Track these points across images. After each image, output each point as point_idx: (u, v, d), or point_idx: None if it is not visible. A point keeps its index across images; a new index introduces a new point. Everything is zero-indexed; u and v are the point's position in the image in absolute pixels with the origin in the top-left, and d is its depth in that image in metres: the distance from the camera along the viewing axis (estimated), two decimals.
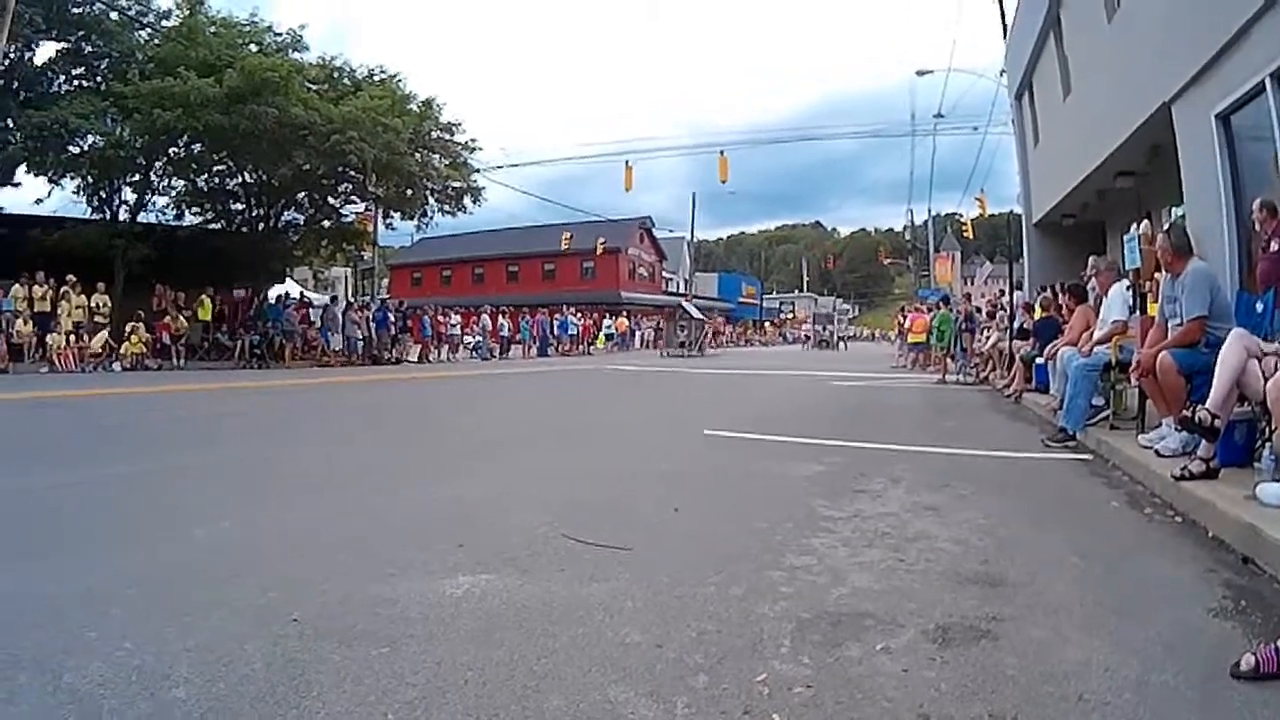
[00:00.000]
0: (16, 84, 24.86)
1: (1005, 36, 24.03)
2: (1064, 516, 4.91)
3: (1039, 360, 11.72)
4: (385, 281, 64.36)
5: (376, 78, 28.85)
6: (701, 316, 40.21)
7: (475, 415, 12.23)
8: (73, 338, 21.30)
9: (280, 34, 27.45)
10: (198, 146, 26.04)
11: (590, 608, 3.21)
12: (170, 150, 26.07)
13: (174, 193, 28.74)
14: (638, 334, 49.37)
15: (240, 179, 28.54)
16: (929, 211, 60.90)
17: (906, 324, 25.70)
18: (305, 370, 22.77)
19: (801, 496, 5.34)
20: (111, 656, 2.72)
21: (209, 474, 6.56)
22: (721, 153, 35.29)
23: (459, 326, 33.83)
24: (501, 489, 5.73)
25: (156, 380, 17.84)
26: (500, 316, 36.72)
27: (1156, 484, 5.40)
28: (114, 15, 25.66)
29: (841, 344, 51.77)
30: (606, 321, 47.05)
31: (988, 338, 17.88)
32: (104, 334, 22.16)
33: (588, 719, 2.34)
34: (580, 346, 40.09)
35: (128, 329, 22.16)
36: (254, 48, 26.17)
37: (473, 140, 31.06)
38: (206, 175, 28.44)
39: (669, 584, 3.51)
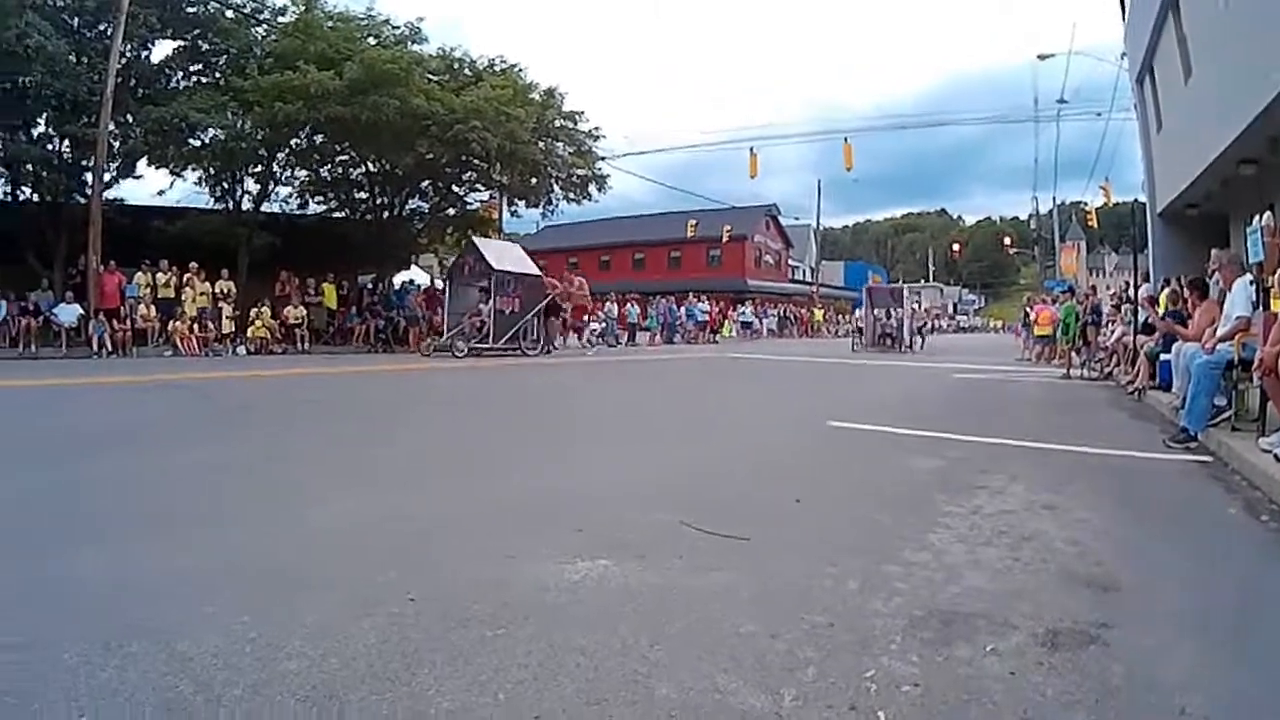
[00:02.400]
0: (135, 81, 26.07)
1: (1124, 17, 23.21)
2: (1180, 521, 4.95)
3: (1163, 356, 11.35)
4: None
5: (497, 68, 29.55)
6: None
7: (598, 402, 12.54)
8: (196, 323, 22.54)
9: (398, 27, 28.33)
10: (319, 137, 27.38)
11: (705, 596, 3.28)
12: (292, 142, 27.31)
13: (297, 182, 30.14)
14: (764, 322, 48.98)
15: (364, 168, 29.73)
16: (1054, 200, 59.29)
17: (1032, 316, 25.18)
18: (430, 356, 23.12)
19: (922, 491, 5.44)
20: (226, 630, 2.88)
21: (326, 456, 6.96)
22: (846, 140, 35.32)
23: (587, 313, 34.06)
24: (622, 475, 5.94)
25: (279, 364, 18.60)
26: (628, 303, 37.25)
27: (1276, 491, 5.27)
28: (229, 13, 26.93)
29: (917, 340, 34.04)
30: (743, 309, 47.41)
31: (1112, 331, 17.41)
32: (228, 319, 23.38)
33: (696, 707, 2.39)
34: (707, 334, 40.15)
35: (252, 314, 23.46)
36: (372, 41, 27.13)
37: (596, 129, 31.62)
38: (329, 165, 29.79)
39: (785, 575, 3.57)
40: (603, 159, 32.45)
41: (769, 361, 22.96)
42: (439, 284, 28.86)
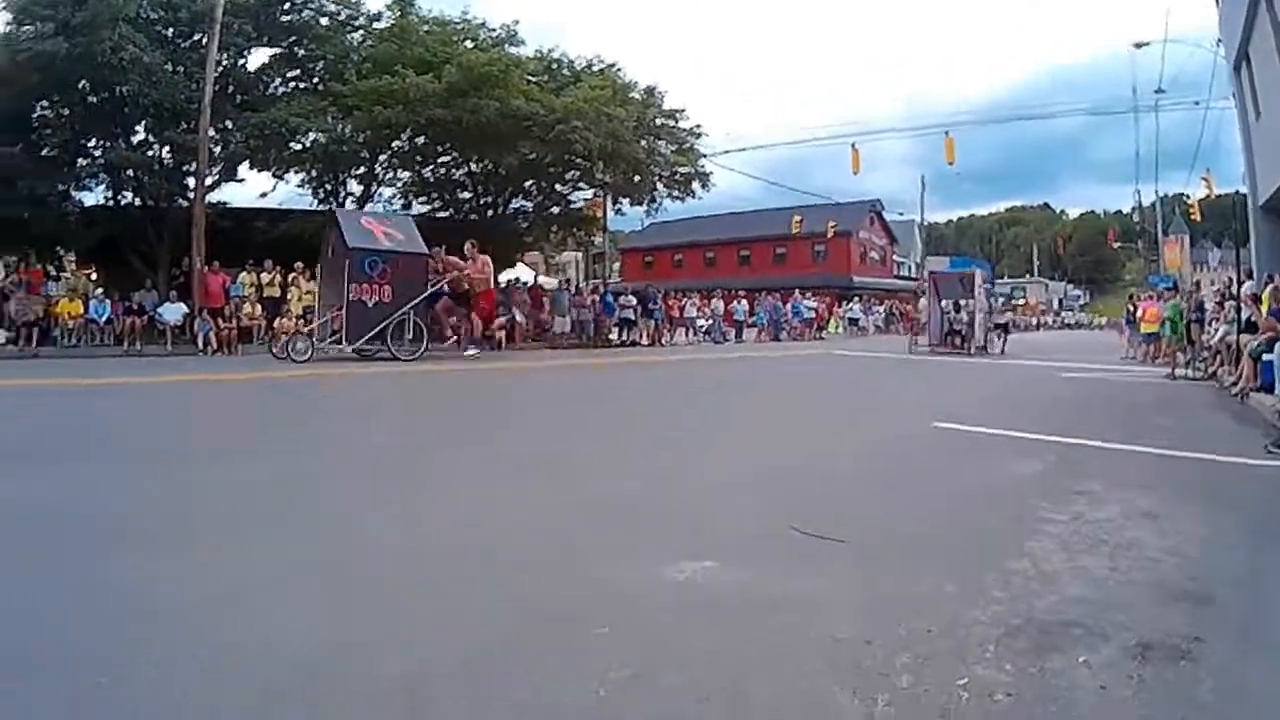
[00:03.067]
0: (233, 88, 26.91)
1: (1218, 2, 22.52)
2: (1278, 534, 4.82)
3: (1265, 356, 11.08)
4: (617, 265, 66.75)
5: (594, 68, 29.99)
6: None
7: (702, 400, 12.60)
8: (301, 321, 22.52)
9: (494, 30, 28.86)
10: (421, 139, 27.81)
11: (804, 600, 3.33)
12: (393, 144, 27.90)
13: (400, 184, 30.87)
14: (870, 318, 48.66)
15: (466, 169, 30.28)
16: (1155, 193, 57.85)
17: (1138, 313, 24.44)
18: (534, 352, 23.69)
19: (1023, 495, 5.38)
20: (320, 626, 3.00)
21: (432, 454, 7.11)
22: (947, 134, 34.57)
23: (696, 309, 34.58)
24: (725, 476, 5.97)
25: (385, 362, 18.35)
26: (733, 300, 37.34)
27: None
28: (324, 20, 27.64)
29: (994, 340, 27.49)
30: (850, 305, 47.41)
31: (1216, 330, 16.93)
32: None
33: (791, 710, 2.44)
34: (813, 331, 40.02)
35: None
36: (469, 44, 27.64)
37: (697, 126, 31.85)
38: (431, 166, 30.41)
39: (883, 580, 3.61)
40: (705, 156, 32.69)
41: (873, 359, 23.00)
42: (545, 282, 29.10)
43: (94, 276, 27.42)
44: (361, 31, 28.36)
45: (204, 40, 24.86)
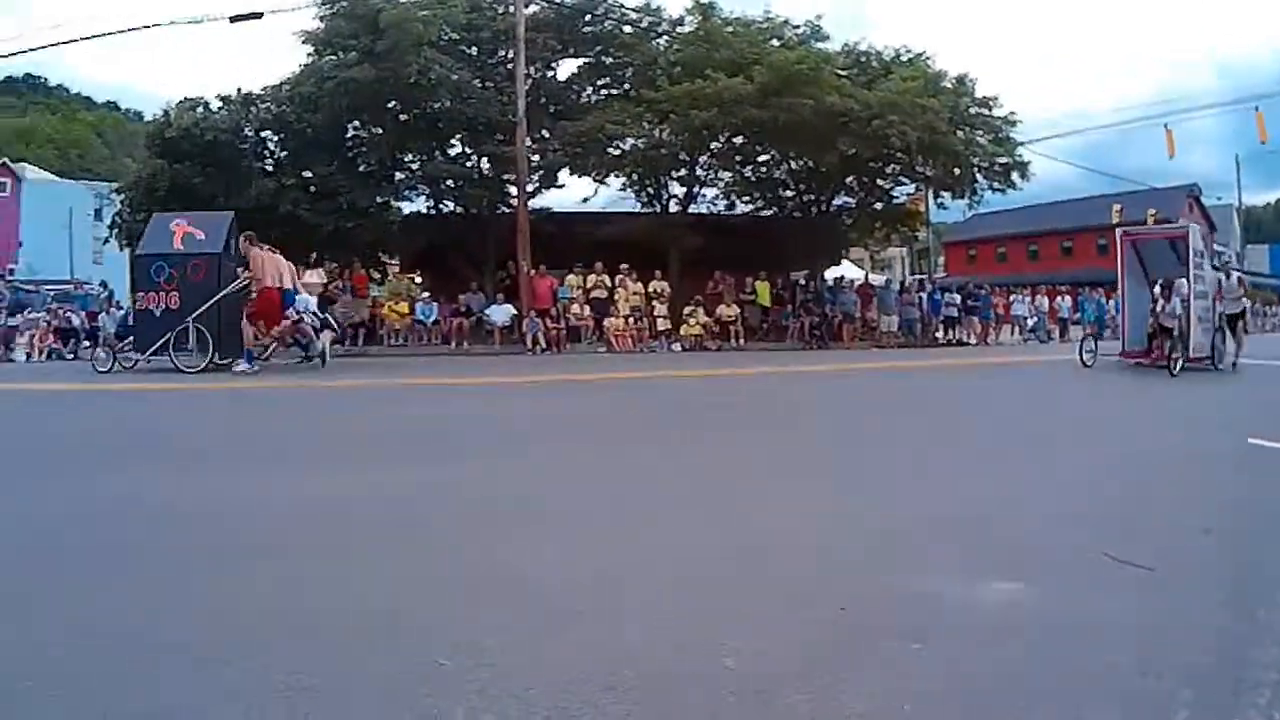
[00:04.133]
0: (545, 99, 28.40)
1: None
2: None
3: None
4: (941, 260, 65.71)
5: (903, 58, 29.57)
6: None
7: (1012, 406, 12.06)
8: (629, 321, 23.77)
9: (798, 26, 29.03)
10: (739, 140, 28.30)
11: (1092, 625, 3.24)
12: (712, 145, 28.49)
13: (721, 184, 31.25)
14: None
15: (787, 167, 30.50)
16: None
17: None
18: (863, 352, 23.29)
19: None
20: (660, 622, 3.20)
21: (754, 455, 7.25)
22: (1257, 108, 32.19)
23: (1026, 305, 33.36)
24: (1024, 490, 5.84)
25: (715, 362, 19.23)
26: (1058, 295, 35.67)
27: None
28: (627, 29, 28.51)
29: (1227, 347, 16.97)
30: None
31: None
32: (661, 318, 24.51)
33: None
34: None
35: (685, 312, 24.49)
36: (775, 43, 27.89)
37: (1011, 114, 30.66)
38: (752, 166, 30.78)
39: (1174, 610, 3.46)
40: (1022, 144, 31.52)
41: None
42: (874, 279, 28.13)
43: (418, 280, 29.18)
44: (666, 37, 29.12)
45: (509, 56, 26.33)
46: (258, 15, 23.60)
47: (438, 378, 15.83)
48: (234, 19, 23.78)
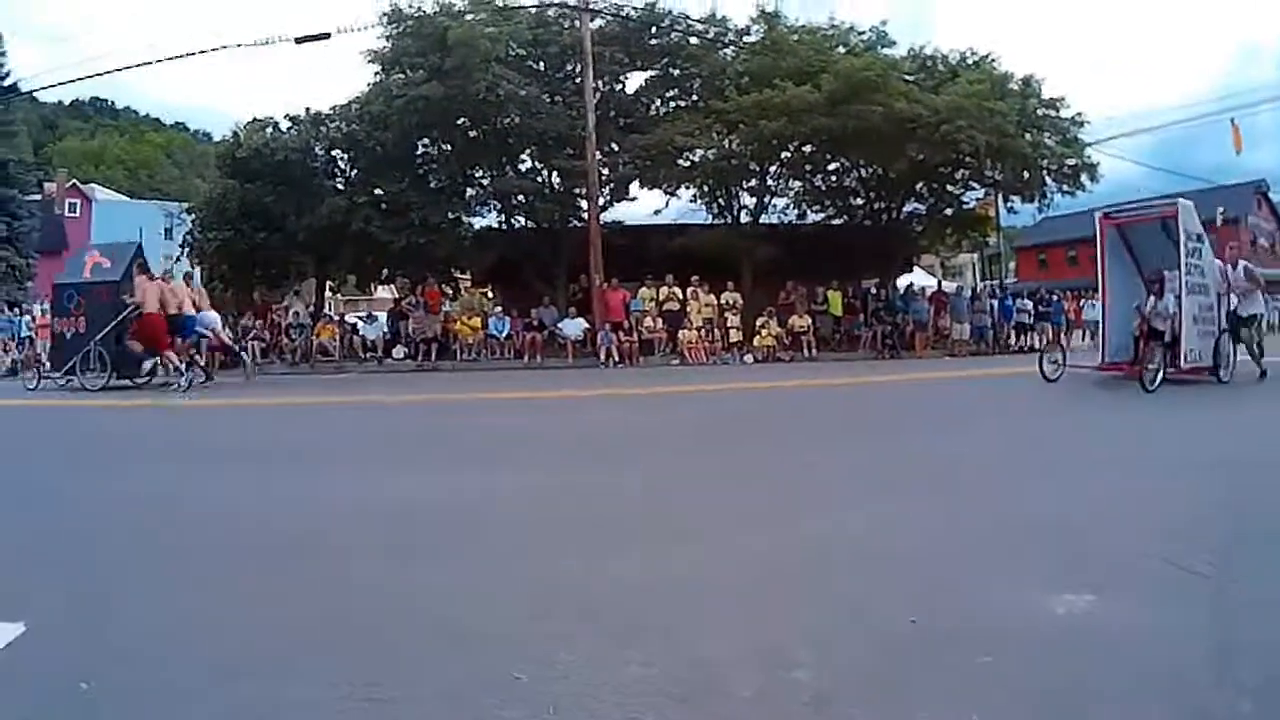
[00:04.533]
0: (614, 112, 28.60)
1: None
2: None
3: None
4: (1012, 265, 65.13)
5: (969, 61, 29.43)
6: None
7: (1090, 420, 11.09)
8: (702, 333, 23.80)
9: (863, 33, 29.15)
10: (808, 148, 28.29)
11: (1159, 635, 3.23)
12: (781, 155, 28.50)
13: (792, 193, 31.33)
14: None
15: (857, 175, 30.62)
16: None
17: None
18: (936, 360, 23.48)
19: None
20: (729, 634, 3.25)
21: (823, 467, 7.25)
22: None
23: (1098, 310, 32.23)
24: (1104, 504, 5.55)
25: (786, 373, 19.20)
26: None
27: None
28: (693, 40, 28.81)
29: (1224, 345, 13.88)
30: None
31: None
32: (734, 329, 24.50)
33: None
34: None
35: (758, 323, 24.44)
36: (841, 50, 27.93)
37: (1078, 114, 30.30)
38: (822, 175, 30.87)
39: (1243, 619, 3.41)
40: (1089, 145, 30.95)
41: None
42: (945, 286, 28.02)
43: (490, 295, 30.23)
44: (732, 48, 29.19)
45: (576, 70, 26.69)
46: (325, 36, 23.95)
47: (509, 391, 16.10)
48: (300, 40, 24.19)
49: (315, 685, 2.82)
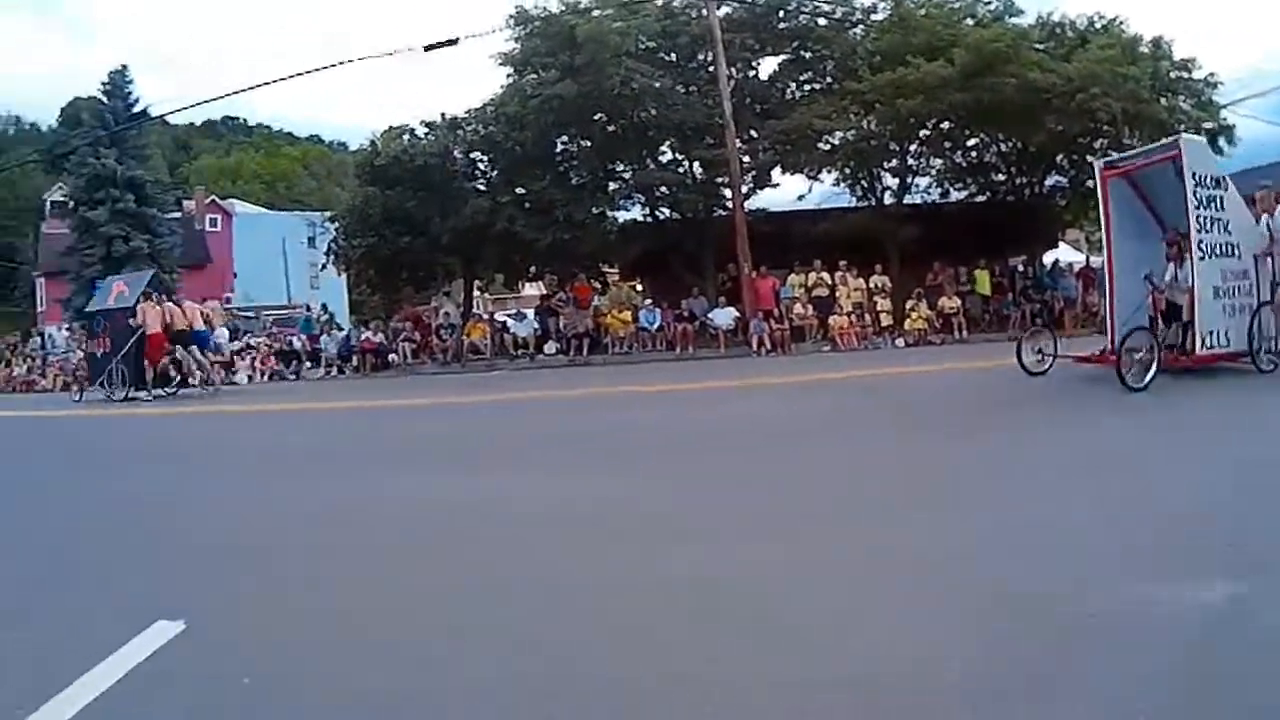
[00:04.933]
0: (749, 99, 28.82)
1: None
2: None
3: None
4: None
5: (1097, 26, 28.54)
6: None
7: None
8: (853, 318, 23.96)
9: (989, 3, 28.48)
10: (946, 125, 28.11)
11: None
12: (920, 133, 28.38)
13: (934, 172, 31.13)
14: None
15: (996, 150, 30.22)
16: None
17: None
18: (1087, 339, 22.69)
19: None
20: (882, 633, 3.31)
21: (982, 450, 7.51)
22: None
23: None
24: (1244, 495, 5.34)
25: (938, 356, 19.28)
26: None
27: None
28: (821, 21, 28.89)
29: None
30: None
31: None
32: (884, 313, 24.81)
33: None
34: None
35: (907, 306, 24.61)
36: (969, 22, 27.61)
37: (1211, 75, 29.10)
38: (962, 151, 30.54)
39: None
40: (1224, 107, 29.85)
41: None
42: (1094, 261, 27.61)
43: (639, 287, 30.52)
44: (861, 27, 29.12)
45: (708, 59, 26.97)
46: (453, 42, 24.57)
47: (662, 384, 16.24)
48: (428, 48, 24.81)
49: (477, 678, 3.02)
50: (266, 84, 37.13)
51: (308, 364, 27.36)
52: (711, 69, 26.43)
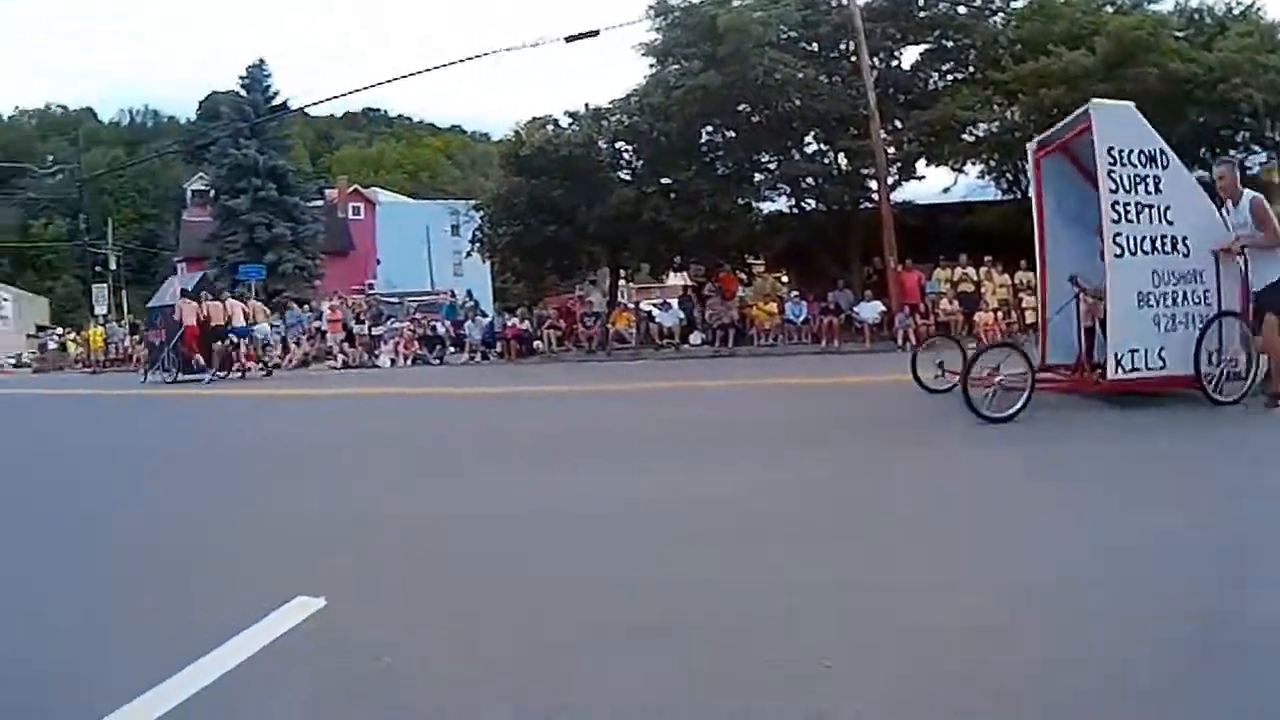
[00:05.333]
0: (893, 89, 28.80)
1: None
2: None
3: None
4: None
5: (1235, 12, 28.08)
6: None
7: None
8: (998, 314, 23.76)
9: None
10: None
11: None
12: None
13: None
14: None
15: None
16: None
17: None
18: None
19: None
20: (991, 635, 3.21)
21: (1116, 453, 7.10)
22: None
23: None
24: None
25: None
26: None
27: None
28: (961, 9, 28.70)
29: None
30: None
31: None
32: (1029, 310, 23.98)
33: None
34: None
35: None
36: (1109, 9, 27.54)
37: None
38: None
39: None
40: None
41: None
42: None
43: (784, 279, 30.76)
44: (1001, 15, 29.07)
45: (850, 49, 27.26)
46: (594, 33, 25.27)
47: (808, 377, 16.23)
48: (570, 39, 25.61)
49: (630, 675, 2.95)
50: (410, 75, 38.18)
51: (451, 349, 28.12)
52: (853, 59, 26.50)
